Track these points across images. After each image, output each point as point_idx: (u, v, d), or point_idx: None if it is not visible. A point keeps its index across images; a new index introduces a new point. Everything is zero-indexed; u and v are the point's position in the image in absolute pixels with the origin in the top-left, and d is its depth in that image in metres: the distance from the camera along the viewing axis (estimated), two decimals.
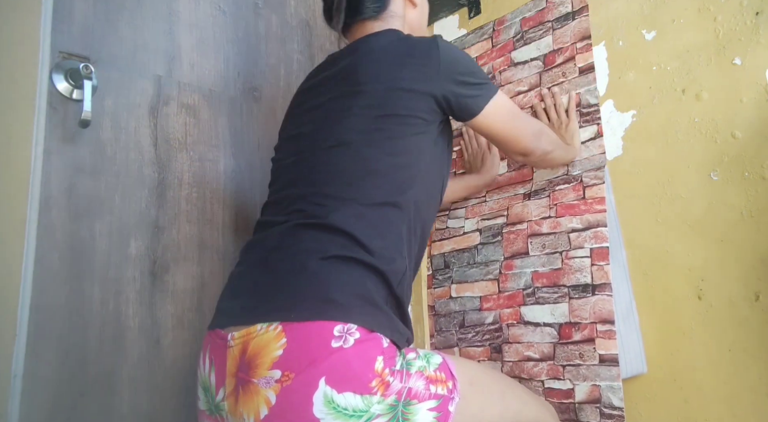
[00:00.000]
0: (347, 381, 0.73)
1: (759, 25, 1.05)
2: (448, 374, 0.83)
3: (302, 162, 0.95)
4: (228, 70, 1.33)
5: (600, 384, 1.09)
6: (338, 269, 0.81)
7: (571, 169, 1.27)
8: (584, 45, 1.30)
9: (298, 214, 0.88)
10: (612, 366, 1.08)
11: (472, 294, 1.37)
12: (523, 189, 1.34)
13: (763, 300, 1.00)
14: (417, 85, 0.90)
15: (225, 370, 0.81)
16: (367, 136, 0.89)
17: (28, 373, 0.95)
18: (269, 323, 0.77)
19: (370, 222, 0.85)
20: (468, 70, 0.96)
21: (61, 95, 1.05)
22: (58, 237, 1.02)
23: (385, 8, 1.04)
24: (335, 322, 0.75)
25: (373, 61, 0.94)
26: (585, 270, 1.16)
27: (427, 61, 0.92)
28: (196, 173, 1.23)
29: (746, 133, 1.05)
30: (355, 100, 0.91)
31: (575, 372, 1.13)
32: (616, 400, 1.07)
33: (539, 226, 1.27)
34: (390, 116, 0.89)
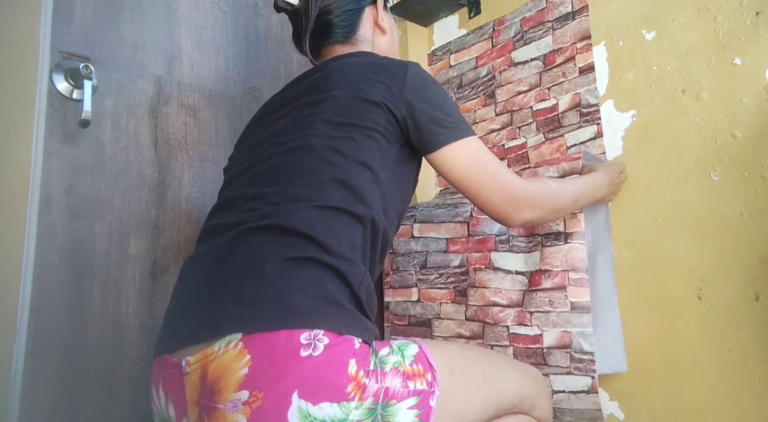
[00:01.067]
0: (321, 391, 0.68)
1: (759, 25, 1.05)
2: (426, 365, 0.79)
3: (261, 163, 0.91)
4: (228, 70, 1.33)
5: (571, 330, 1.06)
6: (297, 271, 0.75)
7: None
8: (584, 45, 1.30)
9: (252, 214, 0.83)
10: (583, 313, 1.06)
11: (437, 235, 1.31)
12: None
13: (763, 300, 1.00)
14: (379, 98, 0.88)
15: (185, 399, 0.74)
16: (331, 142, 0.86)
17: (28, 373, 0.95)
18: (228, 341, 0.70)
19: (327, 225, 0.80)
20: (438, 102, 0.91)
21: (61, 95, 1.05)
22: (58, 237, 1.02)
23: (353, 33, 1.04)
24: (300, 330, 0.70)
25: (341, 72, 0.92)
26: (559, 220, 1.12)
27: (393, 80, 0.89)
28: (196, 173, 1.23)
29: (746, 133, 1.05)
30: (320, 107, 0.89)
31: (544, 318, 1.10)
32: (587, 345, 1.04)
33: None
34: (353, 125, 0.87)
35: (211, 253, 0.82)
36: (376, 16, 1.07)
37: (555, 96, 1.33)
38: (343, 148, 0.85)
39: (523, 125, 1.39)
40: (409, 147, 0.93)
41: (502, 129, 1.43)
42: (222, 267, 0.78)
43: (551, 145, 1.32)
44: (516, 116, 1.41)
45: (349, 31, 1.03)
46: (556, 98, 1.33)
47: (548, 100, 1.35)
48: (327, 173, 0.84)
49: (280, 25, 1.45)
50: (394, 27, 1.13)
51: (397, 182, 0.92)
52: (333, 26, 1.02)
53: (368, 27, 1.06)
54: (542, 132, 1.35)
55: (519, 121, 1.40)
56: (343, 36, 1.03)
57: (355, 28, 1.04)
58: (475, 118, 1.50)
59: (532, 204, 0.93)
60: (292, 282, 0.74)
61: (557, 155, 1.30)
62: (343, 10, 1.03)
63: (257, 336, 0.69)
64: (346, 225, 0.82)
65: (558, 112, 1.32)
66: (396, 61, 0.94)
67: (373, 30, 1.07)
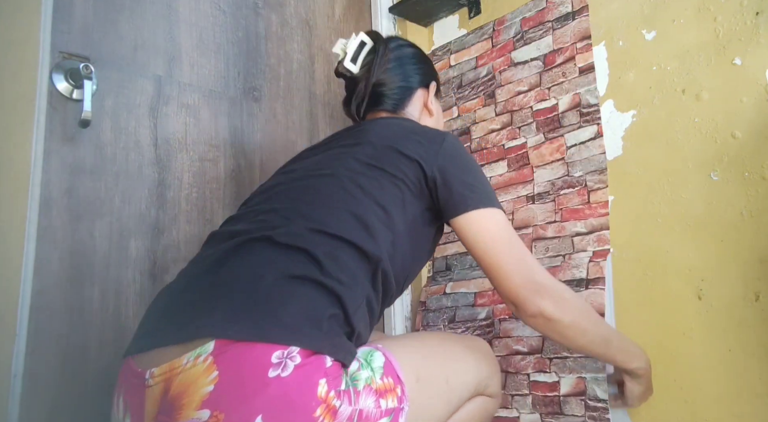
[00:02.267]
0: (288, 415, 0.64)
1: (759, 25, 1.05)
2: (395, 377, 0.77)
3: (283, 185, 0.93)
4: (228, 70, 1.33)
5: (585, 376, 1.09)
6: (291, 288, 0.73)
7: (571, 170, 1.27)
8: (584, 45, 1.30)
9: (260, 225, 0.82)
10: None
11: (466, 290, 1.36)
12: (525, 190, 1.34)
13: (763, 300, 1.00)
14: (412, 153, 0.89)
15: (143, 413, 0.70)
16: (356, 176, 0.87)
17: (28, 373, 0.95)
18: (198, 354, 0.66)
19: (332, 251, 0.78)
20: (471, 170, 0.92)
21: (61, 95, 1.05)
22: (58, 237, 1.02)
23: (402, 108, 1.07)
24: (275, 346, 0.67)
25: (381, 126, 0.97)
26: (582, 267, 1.17)
27: (431, 143, 0.91)
28: (196, 173, 1.23)
29: (746, 133, 1.05)
30: (353, 149, 0.92)
31: (561, 364, 1.13)
32: (600, 392, 1.07)
33: (544, 231, 1.28)
34: (381, 170, 0.88)
35: (211, 257, 0.81)
36: (426, 99, 1.11)
37: (555, 96, 1.33)
38: (366, 186, 0.86)
39: (523, 125, 1.39)
40: (433, 213, 0.92)
41: (502, 129, 1.43)
42: (218, 271, 0.77)
43: (551, 145, 1.32)
44: (516, 116, 1.41)
45: (398, 105, 1.07)
46: (556, 98, 1.33)
47: (548, 100, 1.35)
48: (344, 203, 0.84)
49: (280, 25, 1.45)
50: (441, 114, 1.17)
51: (412, 239, 0.90)
52: (384, 97, 1.06)
53: (417, 106, 1.10)
54: (542, 132, 1.35)
55: (519, 121, 1.40)
56: (391, 107, 1.07)
57: (405, 103, 1.08)
58: (475, 118, 1.50)
59: (553, 296, 0.85)
60: (284, 297, 0.72)
61: (557, 155, 1.30)
62: (397, 85, 1.06)
63: (229, 348, 0.66)
64: (351, 258, 0.80)
65: (558, 112, 1.32)
66: (436, 129, 0.98)
67: (421, 110, 1.10)
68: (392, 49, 1.08)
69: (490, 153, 1.44)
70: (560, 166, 1.30)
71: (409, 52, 1.11)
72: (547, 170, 1.31)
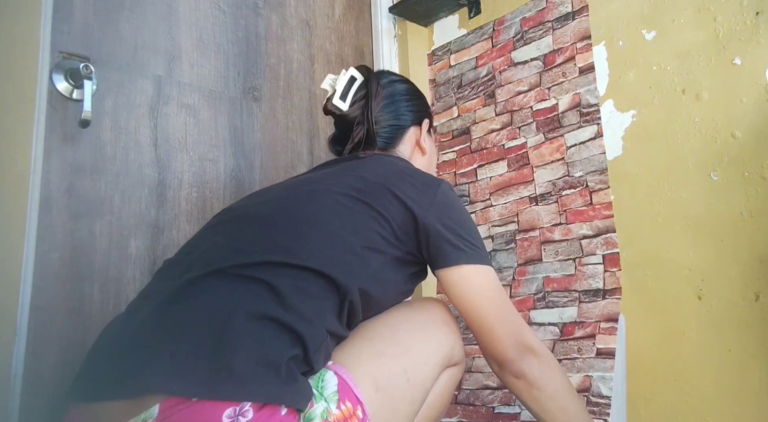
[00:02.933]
0: None
1: (759, 25, 1.05)
2: (353, 399, 0.71)
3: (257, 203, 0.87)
4: (228, 70, 1.33)
5: (592, 374, 1.10)
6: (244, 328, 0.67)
7: (572, 170, 1.27)
8: (584, 45, 1.30)
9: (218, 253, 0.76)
10: (607, 358, 1.09)
11: None
12: (527, 191, 1.34)
13: (763, 300, 1.00)
14: (405, 197, 0.84)
15: None
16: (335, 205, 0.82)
17: (28, 373, 0.95)
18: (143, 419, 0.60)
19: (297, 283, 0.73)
20: (465, 224, 0.88)
21: (61, 95, 1.06)
22: (58, 237, 1.02)
23: (393, 146, 1.04)
24: (227, 404, 0.61)
25: (377, 162, 0.92)
26: (597, 276, 1.19)
27: (426, 190, 0.87)
28: (196, 173, 1.23)
29: (746, 133, 1.05)
30: (341, 178, 0.87)
31: (570, 365, 1.14)
32: (605, 389, 1.07)
33: (551, 233, 1.28)
34: (367, 204, 0.83)
35: (161, 294, 0.73)
36: (418, 136, 1.07)
37: (555, 96, 1.33)
38: (346, 217, 0.81)
39: (523, 125, 1.39)
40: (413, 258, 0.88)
41: (502, 129, 1.43)
42: (168, 311, 0.70)
43: (551, 145, 1.32)
44: (516, 116, 1.41)
45: (389, 144, 1.04)
46: (556, 98, 1.33)
47: (548, 100, 1.35)
48: (320, 231, 0.79)
49: (280, 25, 1.45)
50: (434, 151, 1.14)
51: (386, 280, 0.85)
52: (376, 136, 1.01)
53: (409, 145, 1.06)
54: (542, 132, 1.35)
55: (519, 121, 1.40)
56: (383, 146, 1.03)
57: (396, 142, 1.04)
58: (475, 118, 1.50)
59: (539, 356, 0.84)
60: (237, 342, 0.66)
61: (557, 155, 1.30)
62: (389, 123, 1.03)
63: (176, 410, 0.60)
64: (318, 289, 0.74)
65: (558, 112, 1.32)
66: (431, 175, 0.93)
67: (413, 148, 1.07)
68: (384, 85, 1.04)
69: (490, 153, 1.44)
70: (560, 166, 1.30)
71: (401, 88, 1.06)
72: (547, 170, 1.31)
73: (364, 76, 1.03)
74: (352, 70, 1.03)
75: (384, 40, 1.65)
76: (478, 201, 1.45)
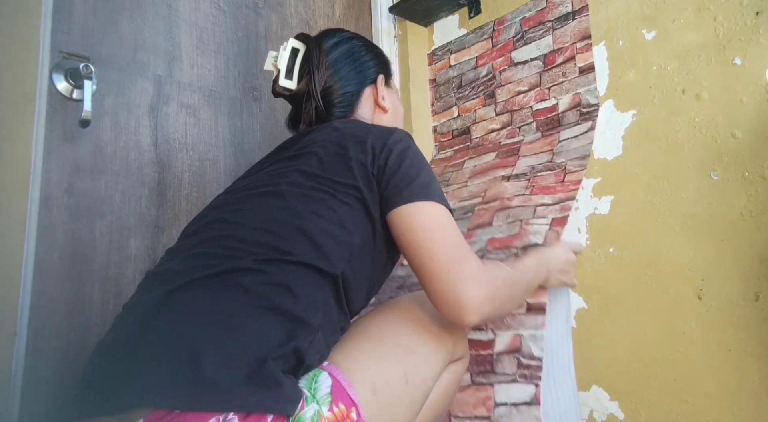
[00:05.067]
0: None
1: (759, 25, 1.05)
2: (347, 400, 0.69)
3: (226, 205, 0.84)
4: (228, 70, 1.33)
5: (523, 333, 1.02)
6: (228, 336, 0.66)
7: (556, 158, 1.26)
8: (584, 45, 1.30)
9: (200, 261, 0.74)
10: (538, 314, 1.02)
11: None
12: (504, 172, 1.32)
13: (763, 300, 1.00)
14: (358, 155, 0.82)
15: None
16: (301, 192, 0.80)
17: (28, 372, 0.95)
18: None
19: (282, 279, 0.71)
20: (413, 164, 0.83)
21: (61, 95, 1.06)
22: (58, 237, 1.02)
23: (352, 113, 1.00)
24: (209, 415, 0.60)
25: (326, 132, 0.89)
26: (540, 234, 1.11)
27: (377, 139, 0.84)
28: (196, 173, 1.23)
29: (746, 133, 1.05)
30: (298, 160, 0.85)
31: (499, 322, 1.07)
32: (536, 350, 1.00)
33: (510, 201, 1.22)
34: (327, 179, 0.81)
35: (145, 306, 0.72)
36: (375, 96, 1.02)
37: (555, 96, 1.33)
38: (314, 201, 0.79)
39: (523, 125, 1.39)
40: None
41: (502, 129, 1.43)
42: (150, 324, 0.68)
43: (545, 140, 1.32)
44: (516, 116, 1.41)
45: (347, 112, 0.99)
46: (556, 98, 1.33)
47: (548, 99, 1.35)
48: (291, 223, 0.76)
49: (280, 25, 1.46)
50: (398, 103, 1.08)
51: (371, 249, 0.83)
52: (332, 107, 0.98)
53: (367, 106, 1.02)
54: (542, 131, 1.35)
55: (519, 121, 1.40)
56: (341, 115, 0.99)
57: (354, 108, 1.00)
58: (475, 118, 1.50)
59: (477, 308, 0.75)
60: (220, 351, 0.64)
61: (548, 149, 1.30)
62: (340, 92, 0.98)
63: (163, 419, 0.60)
64: (307, 282, 0.73)
65: (558, 111, 1.32)
66: (384, 127, 0.89)
67: (373, 109, 1.02)
68: (327, 51, 0.98)
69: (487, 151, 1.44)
70: (546, 155, 1.29)
71: (345, 49, 1.00)
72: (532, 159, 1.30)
73: (305, 44, 0.98)
74: (291, 41, 0.98)
75: (384, 40, 1.65)
76: (455, 183, 1.41)
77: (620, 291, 1.18)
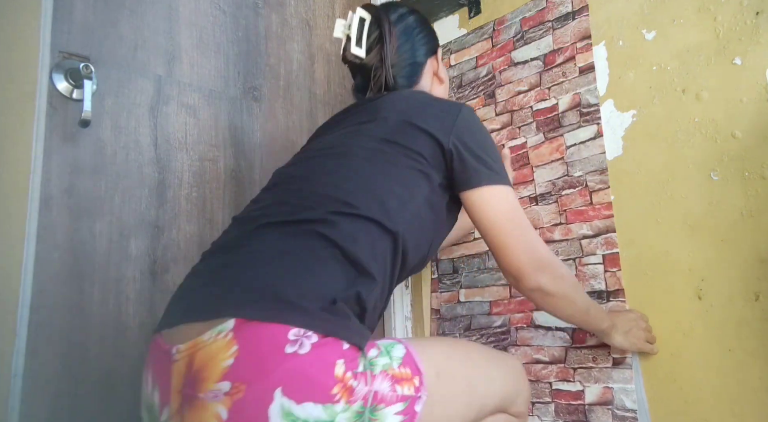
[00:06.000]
0: (306, 390, 0.67)
1: (759, 25, 1.05)
2: (414, 368, 0.78)
3: (300, 165, 0.95)
4: (228, 69, 1.33)
5: (613, 386, 1.10)
6: (304, 267, 0.76)
7: (571, 170, 1.27)
8: (584, 45, 1.30)
9: (278, 209, 0.85)
10: (625, 369, 1.09)
11: (481, 299, 1.37)
12: (527, 190, 1.34)
13: (763, 300, 1.00)
14: (429, 127, 0.90)
15: (170, 387, 0.73)
16: (371, 154, 0.89)
17: (28, 373, 0.95)
18: (219, 331, 0.69)
19: (351, 231, 0.80)
20: (486, 145, 0.93)
21: (61, 95, 1.06)
22: (58, 237, 1.02)
23: (416, 83, 1.07)
24: (291, 326, 0.69)
25: (394, 100, 0.96)
26: (599, 277, 1.18)
27: (447, 115, 0.92)
28: (196, 173, 1.23)
29: (746, 133, 1.05)
30: (367, 126, 0.93)
31: (586, 374, 1.14)
32: (629, 402, 1.08)
33: (551, 233, 1.28)
34: (394, 143, 0.89)
35: (233, 241, 0.85)
36: (436, 68, 1.11)
37: (555, 96, 1.33)
38: (382, 163, 0.88)
39: (523, 125, 1.39)
40: (449, 183, 0.94)
41: (502, 129, 1.43)
42: (238, 252, 0.80)
43: (551, 144, 1.32)
44: (516, 116, 1.41)
45: (411, 82, 1.06)
46: (556, 98, 1.33)
47: (548, 99, 1.35)
48: (361, 182, 0.86)
49: (280, 25, 1.46)
50: (447, 77, 1.16)
51: (430, 211, 0.92)
52: (400, 77, 1.04)
53: (428, 78, 1.09)
54: (542, 132, 1.35)
55: (519, 121, 1.40)
56: (406, 85, 1.05)
57: (417, 79, 1.07)
58: None
59: (553, 273, 0.90)
60: (295, 276, 0.75)
61: (557, 155, 1.30)
62: (408, 62, 1.05)
63: (248, 325, 0.69)
64: (371, 236, 0.82)
65: (558, 111, 1.32)
66: (452, 101, 0.98)
67: (432, 80, 1.10)
68: (395, 21, 1.04)
69: None
70: (560, 165, 1.30)
71: (412, 21, 1.07)
72: (546, 170, 1.31)
73: (372, 15, 1.03)
74: (360, 11, 1.03)
75: None
76: None
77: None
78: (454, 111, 0.93)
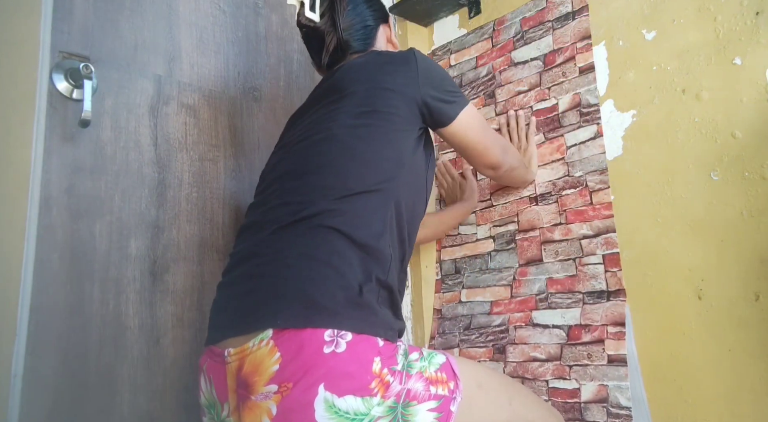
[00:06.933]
0: (346, 384, 0.73)
1: (759, 25, 1.05)
2: (450, 374, 0.83)
3: (288, 157, 0.97)
4: (228, 70, 1.33)
5: (608, 383, 1.10)
6: (323, 268, 0.80)
7: (572, 170, 1.27)
8: (584, 45, 1.30)
9: (282, 210, 0.89)
10: (620, 366, 1.09)
11: (482, 299, 1.37)
12: (527, 191, 1.34)
13: (763, 300, 1.00)
14: (397, 86, 0.95)
15: (226, 386, 0.82)
16: (353, 131, 0.92)
17: (28, 373, 0.95)
18: (261, 338, 0.77)
19: (355, 212, 0.85)
20: (443, 78, 1.01)
21: (61, 95, 1.05)
22: (58, 237, 1.02)
23: (372, 46, 1.11)
24: (324, 328, 0.75)
25: (354, 70, 0.99)
26: (599, 277, 1.18)
27: (407, 68, 0.97)
28: (196, 173, 1.23)
29: (746, 133, 1.05)
30: (339, 104, 0.95)
31: (582, 372, 1.14)
32: (623, 400, 1.07)
33: (551, 233, 1.28)
34: (372, 112, 0.93)
35: (249, 250, 0.89)
36: (389, 34, 1.17)
37: (555, 96, 1.33)
38: (364, 135, 0.91)
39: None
40: (427, 135, 1.02)
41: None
42: (258, 264, 0.85)
43: (551, 145, 1.32)
44: None
45: (366, 45, 1.10)
46: (556, 98, 1.33)
47: (548, 99, 1.35)
48: (350, 158, 0.89)
49: (280, 25, 1.45)
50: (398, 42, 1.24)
51: (419, 165, 0.98)
52: (352, 41, 1.08)
53: (382, 42, 1.14)
54: (542, 132, 1.35)
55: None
56: (361, 48, 1.09)
57: (372, 41, 1.11)
58: None
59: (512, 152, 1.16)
60: (318, 279, 0.79)
61: (557, 155, 1.30)
62: (362, 25, 1.09)
63: (285, 332, 0.75)
64: (372, 208, 0.87)
65: (558, 111, 1.32)
66: (401, 52, 1.02)
67: (385, 45, 1.15)
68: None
69: None
70: (560, 165, 1.30)
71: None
72: (547, 170, 1.31)
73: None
74: None
75: None
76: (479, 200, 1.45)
77: None
78: (410, 59, 0.97)
